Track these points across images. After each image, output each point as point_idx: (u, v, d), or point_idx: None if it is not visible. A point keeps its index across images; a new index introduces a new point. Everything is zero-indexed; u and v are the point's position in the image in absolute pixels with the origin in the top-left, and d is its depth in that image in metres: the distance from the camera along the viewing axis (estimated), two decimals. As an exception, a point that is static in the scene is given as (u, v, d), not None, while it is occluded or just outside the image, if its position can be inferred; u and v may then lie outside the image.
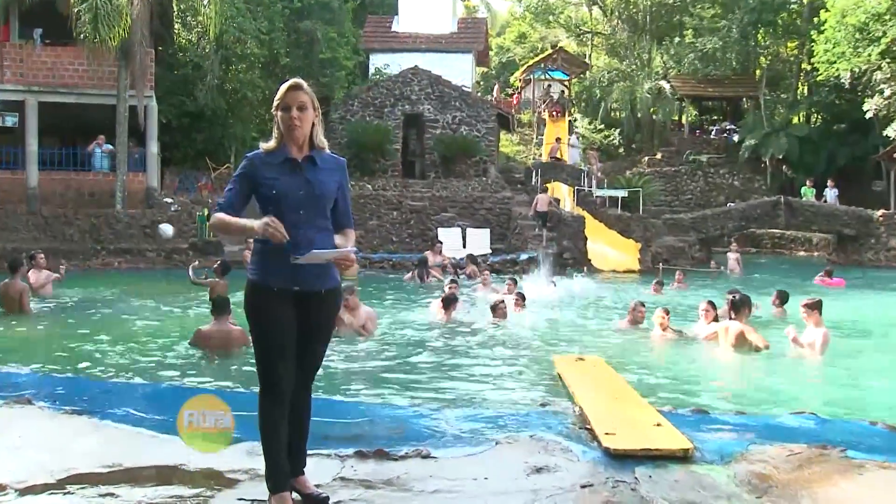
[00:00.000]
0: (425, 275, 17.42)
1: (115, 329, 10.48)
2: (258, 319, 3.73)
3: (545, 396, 6.51)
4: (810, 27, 31.34)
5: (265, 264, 3.71)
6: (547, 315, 12.59)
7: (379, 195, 24.64)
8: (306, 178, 3.71)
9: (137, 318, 11.50)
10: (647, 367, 8.59)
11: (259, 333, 3.74)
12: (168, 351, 8.84)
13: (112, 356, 8.55)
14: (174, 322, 11.23)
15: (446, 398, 6.78)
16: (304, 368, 3.80)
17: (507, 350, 9.40)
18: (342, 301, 4.02)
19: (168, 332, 10.16)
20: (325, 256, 3.64)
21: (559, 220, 22.07)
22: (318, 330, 3.82)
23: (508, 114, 32.49)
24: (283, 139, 3.76)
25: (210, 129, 26.61)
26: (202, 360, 8.23)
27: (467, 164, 28.69)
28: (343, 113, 29.04)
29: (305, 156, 3.76)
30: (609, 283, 18.63)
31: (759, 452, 4.52)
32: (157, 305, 12.86)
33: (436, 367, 8.32)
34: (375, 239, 23.38)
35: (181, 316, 11.86)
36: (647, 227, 23.87)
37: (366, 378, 7.72)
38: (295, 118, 3.69)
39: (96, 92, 22.87)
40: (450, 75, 30.64)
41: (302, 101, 3.71)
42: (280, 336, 3.69)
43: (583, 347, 9.69)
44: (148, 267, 19.80)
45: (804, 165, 31.74)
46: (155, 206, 22.50)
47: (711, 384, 7.99)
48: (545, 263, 18.19)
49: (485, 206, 24.76)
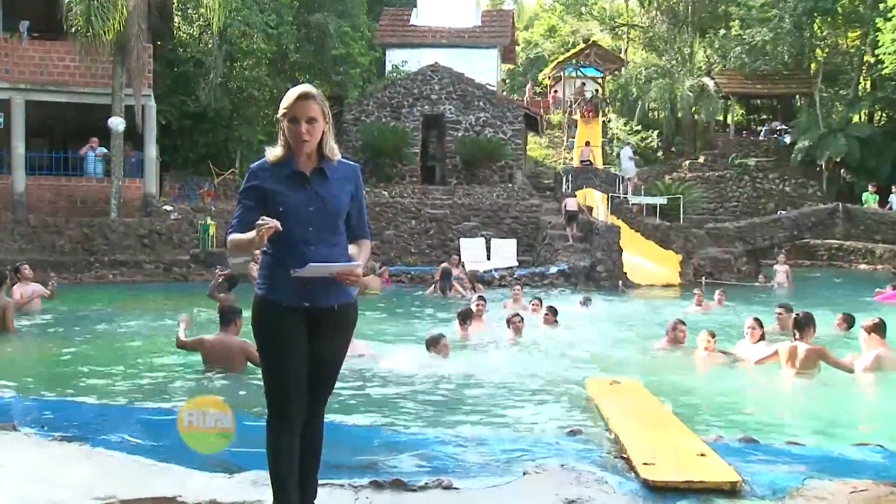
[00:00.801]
0: (448, 288, 17.45)
1: (109, 348, 10.54)
2: (266, 338, 3.74)
3: (577, 422, 6.47)
4: (875, 14, 30.95)
5: (273, 278, 3.73)
6: (578, 332, 12.53)
7: (396, 203, 24.70)
8: (316, 193, 3.72)
9: (134, 336, 11.56)
10: (689, 390, 8.51)
11: (267, 354, 3.74)
12: (167, 372, 8.87)
13: (105, 378, 8.58)
14: (174, 340, 11.24)
15: (469, 422, 6.76)
16: (315, 392, 3.81)
17: (534, 370, 9.34)
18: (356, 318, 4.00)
19: (167, 352, 10.17)
20: (325, 270, 3.64)
21: (592, 230, 21.99)
22: (331, 350, 3.83)
23: (536, 114, 32.51)
24: (290, 148, 3.77)
25: (213, 131, 26.80)
26: (203, 381, 8.25)
27: (492, 169, 28.70)
28: (357, 114, 29.18)
29: (314, 168, 3.77)
30: (647, 299, 18.52)
31: (816, 488, 4.45)
32: (156, 322, 12.89)
33: (457, 388, 8.30)
34: (392, 250, 23.44)
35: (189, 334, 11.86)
36: (689, 238, 23.71)
37: (382, 400, 7.72)
38: (303, 133, 3.68)
39: (89, 90, 23.03)
40: (473, 73, 30.74)
41: (312, 113, 3.70)
42: (290, 357, 3.69)
43: (618, 369, 9.60)
44: (145, 280, 19.90)
45: (866, 169, 31.42)
46: (153, 214, 22.60)
47: (762, 410, 7.89)
48: (578, 278, 18.13)
49: (511, 215, 24.73)
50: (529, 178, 29.92)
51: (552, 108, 42.50)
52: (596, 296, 17.39)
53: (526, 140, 33.42)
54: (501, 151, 28.57)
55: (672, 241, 23.46)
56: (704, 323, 11.99)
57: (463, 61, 31.63)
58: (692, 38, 39.43)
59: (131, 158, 23.61)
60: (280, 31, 27.30)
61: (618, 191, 27.49)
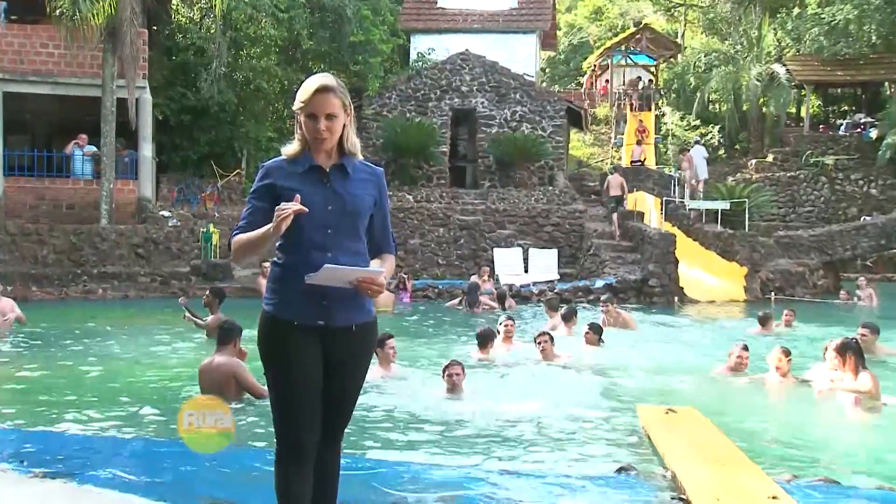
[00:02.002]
0: (475, 303, 17.47)
1: (97, 372, 10.60)
2: (274, 361, 3.73)
3: (627, 457, 6.43)
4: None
5: (283, 292, 3.72)
6: (626, 354, 12.46)
7: (422, 208, 24.73)
8: (335, 191, 3.72)
9: (126, 359, 11.61)
10: (757, 421, 8.42)
11: (276, 378, 3.74)
12: (164, 398, 8.91)
13: (93, 405, 8.60)
14: (172, 363, 11.32)
15: (502, 457, 6.73)
16: (330, 421, 3.80)
17: (575, 397, 9.29)
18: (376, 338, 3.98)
19: (164, 375, 10.24)
20: (343, 276, 3.60)
21: (643, 239, 21.89)
22: (349, 376, 3.82)
23: (580, 108, 32.45)
24: (308, 144, 3.77)
25: (216, 128, 26.95)
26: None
27: (530, 170, 28.68)
28: (378, 108, 29.29)
29: (334, 164, 3.77)
30: (707, 318, 18.38)
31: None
32: (151, 343, 12.98)
33: (487, 418, 8.26)
34: (418, 261, 23.46)
35: (181, 355, 11.96)
36: (755, 248, 23.52)
37: (405, 430, 7.71)
38: (323, 131, 3.69)
39: (76, 81, 23.21)
40: (508, 61, 30.75)
41: (331, 109, 3.70)
42: (301, 381, 3.69)
43: (673, 396, 9.52)
44: (139, 295, 20.04)
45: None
46: (148, 220, 22.73)
47: (845, 447, 7.78)
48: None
49: (551, 222, 24.67)
50: (572, 180, 29.86)
51: (598, 100, 42.42)
52: (640, 313, 17.26)
53: (568, 137, 33.35)
54: (540, 150, 28.54)
55: (736, 251, 23.28)
56: (769, 347, 11.87)
57: (497, 48, 31.64)
58: (760, 19, 39.08)
59: (124, 158, 23.74)
60: (291, 14, 27.43)
61: (673, 194, 27.35)
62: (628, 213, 24.92)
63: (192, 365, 9.99)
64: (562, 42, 50.08)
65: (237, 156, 27.47)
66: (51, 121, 25.17)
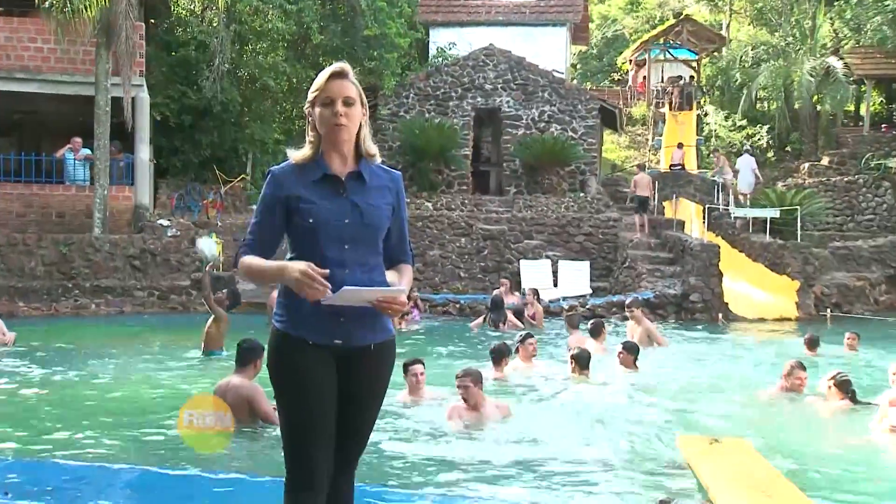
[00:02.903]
0: (502, 320, 17.41)
1: (90, 395, 10.64)
2: (286, 383, 3.74)
3: (667, 491, 6.42)
4: None
5: (296, 308, 3.72)
6: (664, 377, 12.42)
7: (442, 216, 24.74)
8: (352, 203, 3.73)
9: (120, 381, 11.63)
10: (811, 452, 8.38)
11: (287, 402, 3.75)
12: (162, 423, 8.88)
13: (86, 431, 8.62)
14: (170, 384, 11.34)
15: (533, 488, 6.72)
16: (345, 447, 3.81)
17: (610, 424, 9.25)
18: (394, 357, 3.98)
19: (162, 398, 10.25)
20: (362, 297, 3.61)
21: (684, 250, 21.81)
22: (365, 397, 3.82)
23: (615, 108, 32.40)
24: (321, 146, 3.78)
25: (219, 129, 27.03)
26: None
27: (559, 174, 28.64)
28: (394, 108, 29.36)
29: (351, 171, 3.78)
30: (755, 337, 18.28)
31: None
32: (148, 362, 13.02)
33: (513, 444, 8.26)
34: (438, 275, 23.45)
35: (179, 376, 11.99)
36: (809, 260, 23.39)
37: (426, 458, 7.70)
38: (341, 115, 3.70)
39: (67, 79, 23.24)
40: (536, 56, 30.76)
41: (349, 92, 3.73)
42: (315, 406, 3.70)
43: (718, 424, 9.47)
44: (136, 311, 20.11)
45: None
46: (146, 229, 22.72)
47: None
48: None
49: (583, 231, 24.63)
50: (605, 185, 29.79)
51: (634, 99, 42.36)
52: (680, 331, 17.18)
53: (601, 139, 33.28)
54: (571, 153, 28.50)
55: (787, 263, 23.16)
56: (826, 369, 11.77)
57: (524, 42, 31.67)
58: (815, 8, 38.82)
59: (119, 162, 23.79)
60: (300, 6, 27.50)
61: (716, 201, 27.25)
62: (667, 221, 24.87)
63: (192, 386, 10.01)
64: (594, 35, 50.03)
65: (242, 160, 27.56)
66: (40, 122, 25.25)
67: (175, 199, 25.11)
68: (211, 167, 26.69)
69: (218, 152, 27.06)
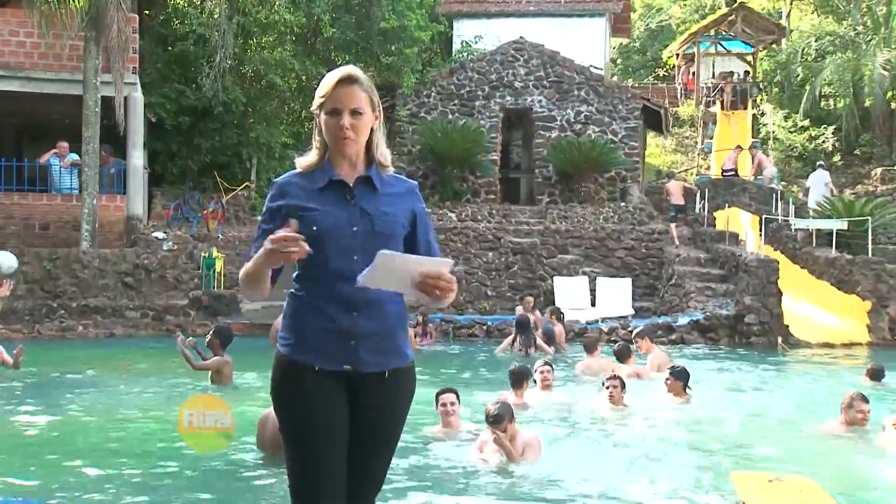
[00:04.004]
0: (531, 343, 17.40)
1: (77, 428, 10.64)
2: (290, 414, 3.76)
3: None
4: None
5: (302, 330, 3.74)
6: (715, 407, 12.37)
7: (467, 228, 24.74)
8: (361, 209, 3.75)
9: (112, 411, 11.63)
10: (881, 493, 8.29)
11: (291, 435, 3.76)
12: (158, 460, 8.93)
13: (72, 470, 8.61)
14: (168, 417, 11.29)
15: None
16: (358, 485, 3.81)
17: (658, 458, 9.21)
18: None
19: (158, 432, 10.24)
20: (404, 268, 3.50)
21: (738, 266, 21.71)
22: (379, 429, 3.83)
23: (660, 107, 32.35)
24: (328, 152, 3.80)
25: (220, 132, 27.12)
26: (212, 478, 8.25)
27: (597, 181, 28.61)
28: (415, 108, 29.40)
29: (360, 176, 3.80)
30: (820, 364, 18.14)
31: None
32: (143, 391, 13.01)
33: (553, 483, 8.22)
34: (462, 293, 23.39)
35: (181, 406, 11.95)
36: (881, 277, 23.18)
37: (454, 497, 7.68)
38: (346, 129, 3.71)
39: (52, 76, 23.30)
40: (572, 51, 30.75)
41: (357, 103, 3.74)
42: (322, 440, 3.70)
43: (776, 461, 9.40)
44: (128, 333, 20.14)
45: None
46: (139, 243, 22.81)
47: None
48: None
49: (624, 245, 24.57)
50: (649, 194, 29.69)
51: (681, 97, 42.27)
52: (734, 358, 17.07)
53: (645, 142, 33.26)
54: (611, 158, 28.45)
55: (856, 281, 22.98)
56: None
57: (558, 35, 31.68)
58: (889, -6, 38.78)
59: (110, 168, 23.88)
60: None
61: (775, 210, 27.10)
62: (719, 233, 24.77)
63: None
64: (637, 27, 50.06)
65: (245, 166, 27.59)
66: (22, 124, 25.34)
67: (172, 209, 25.14)
68: (211, 174, 26.75)
69: (219, 157, 27.10)
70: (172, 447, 9.19)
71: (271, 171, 27.17)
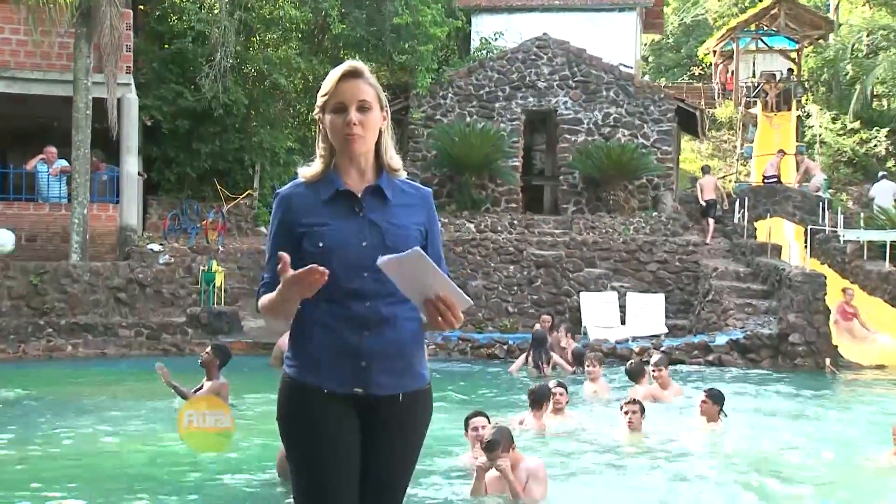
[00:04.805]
0: (544, 361, 17.43)
1: (66, 458, 10.64)
2: (296, 441, 3.77)
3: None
4: None
5: (309, 351, 3.74)
6: (750, 433, 12.31)
7: (486, 240, 24.72)
8: (370, 221, 3.75)
9: (103, 439, 11.63)
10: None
11: (298, 464, 3.77)
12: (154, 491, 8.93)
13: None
14: (164, 444, 11.28)
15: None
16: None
17: (686, 492, 9.17)
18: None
19: (155, 461, 10.23)
20: (423, 276, 3.51)
21: (781, 281, 21.63)
22: (394, 457, 3.83)
23: (696, 109, 32.30)
24: (334, 159, 3.81)
25: (221, 136, 27.14)
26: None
27: (627, 189, 28.54)
28: (430, 110, 29.39)
29: (369, 186, 3.80)
30: (870, 388, 18.05)
31: None
32: (137, 417, 13.02)
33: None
34: (481, 310, 23.40)
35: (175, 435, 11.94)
36: (939, 293, 23.13)
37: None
38: (354, 124, 3.71)
39: (40, 76, 23.37)
40: (600, 48, 30.70)
41: (364, 95, 3.74)
42: (332, 466, 3.71)
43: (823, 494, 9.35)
44: (121, 353, 20.15)
45: None
46: (133, 255, 22.79)
47: None
48: None
49: (656, 258, 24.52)
50: (684, 202, 29.63)
51: (718, 98, 42.19)
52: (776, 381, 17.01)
53: (679, 147, 33.19)
54: (642, 163, 28.38)
55: (912, 298, 22.93)
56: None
57: (585, 31, 31.62)
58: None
59: (102, 175, 23.98)
60: (318, -10, 27.75)
61: (822, 220, 27.00)
62: (760, 245, 24.67)
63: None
64: (670, 22, 50.03)
65: (248, 172, 27.62)
66: (7, 127, 25.33)
67: (168, 219, 25.16)
68: (211, 181, 26.76)
69: (219, 164, 27.14)
70: (160, 473, 9.22)
71: (275, 178, 27.24)
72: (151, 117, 25.74)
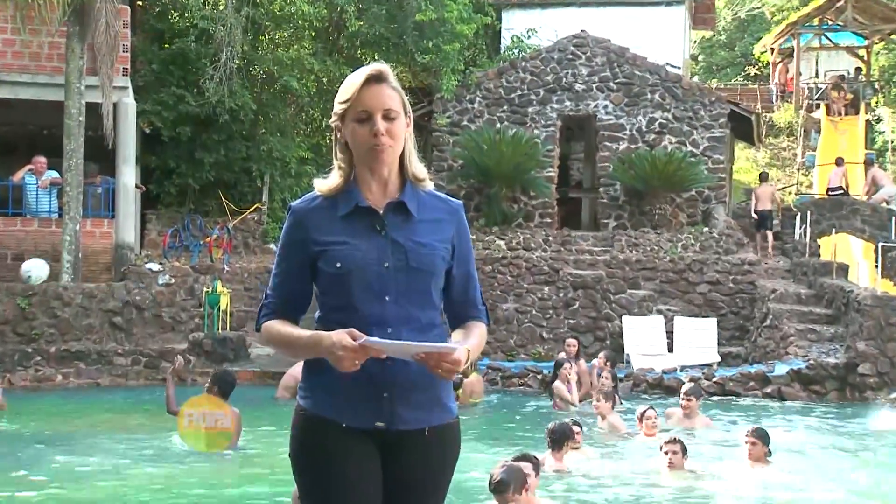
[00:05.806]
0: None
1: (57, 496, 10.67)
2: (311, 479, 3.78)
3: None
4: None
5: (327, 382, 3.74)
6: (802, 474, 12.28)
7: (518, 259, 24.71)
8: (393, 240, 3.75)
9: (97, 477, 11.59)
10: None
11: (315, 501, 3.78)
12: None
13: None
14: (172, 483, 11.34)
15: None
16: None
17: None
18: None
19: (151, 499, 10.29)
20: (406, 349, 3.59)
21: (848, 304, 21.53)
22: (418, 499, 3.84)
23: (752, 113, 32.24)
24: (355, 171, 3.81)
25: (227, 145, 27.22)
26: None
27: (675, 202, 28.50)
28: (456, 116, 29.42)
29: (392, 201, 3.80)
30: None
31: None
32: (132, 453, 13.04)
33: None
34: (513, 336, 23.39)
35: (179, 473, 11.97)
36: None
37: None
38: (381, 135, 3.70)
39: (29, 79, 23.47)
40: (644, 46, 30.68)
41: (390, 103, 3.74)
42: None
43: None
44: (116, 383, 20.19)
45: None
46: (130, 276, 22.84)
47: None
48: None
49: (707, 279, 24.45)
50: (738, 217, 29.56)
51: (777, 101, 42.09)
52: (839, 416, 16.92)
53: (733, 155, 33.12)
54: (691, 174, 28.34)
55: None
56: None
57: (628, 28, 31.58)
58: None
59: (97, 187, 24.07)
60: (333, -16, 27.84)
61: (894, 237, 26.88)
62: (824, 265, 24.55)
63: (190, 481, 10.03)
64: (723, 17, 49.99)
65: (256, 184, 27.69)
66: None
67: (168, 236, 25.22)
68: (216, 194, 26.86)
69: (225, 175, 27.20)
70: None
71: (286, 191, 27.30)
72: (150, 124, 25.82)
